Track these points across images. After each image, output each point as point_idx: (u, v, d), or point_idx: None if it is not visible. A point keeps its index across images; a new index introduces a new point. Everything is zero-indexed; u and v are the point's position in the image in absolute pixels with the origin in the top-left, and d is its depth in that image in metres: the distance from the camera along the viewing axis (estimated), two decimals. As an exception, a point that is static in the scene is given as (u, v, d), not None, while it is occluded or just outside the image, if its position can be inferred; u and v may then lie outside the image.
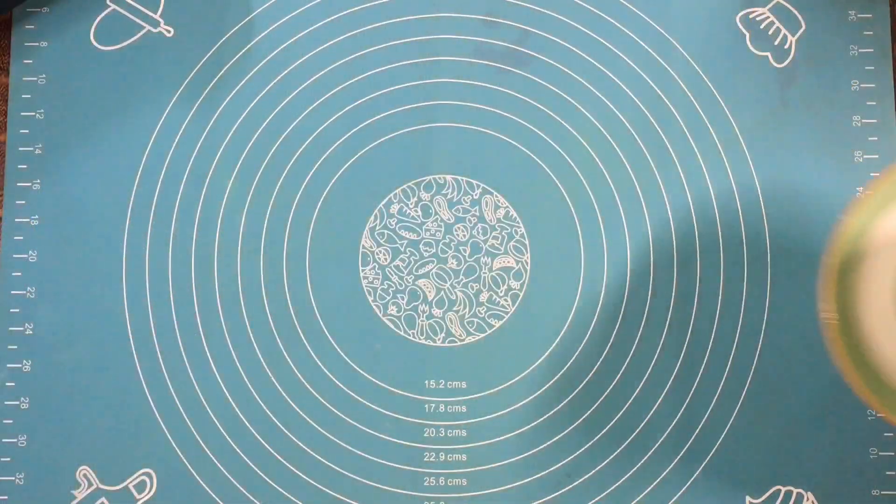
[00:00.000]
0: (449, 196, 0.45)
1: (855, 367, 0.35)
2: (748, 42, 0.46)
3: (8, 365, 0.43)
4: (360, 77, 0.45)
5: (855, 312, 0.35)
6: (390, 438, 0.43)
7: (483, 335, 0.44)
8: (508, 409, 0.43)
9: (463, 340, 0.44)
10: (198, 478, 0.43)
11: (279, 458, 0.43)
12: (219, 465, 0.43)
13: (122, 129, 0.45)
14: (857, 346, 0.35)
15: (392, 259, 0.44)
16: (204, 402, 0.43)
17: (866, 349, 0.35)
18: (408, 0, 0.46)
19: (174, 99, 0.45)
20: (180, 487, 0.42)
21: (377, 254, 0.44)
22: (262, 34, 0.45)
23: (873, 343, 0.35)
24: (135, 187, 0.44)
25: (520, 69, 0.45)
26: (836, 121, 0.45)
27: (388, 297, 0.44)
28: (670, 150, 0.45)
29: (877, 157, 0.45)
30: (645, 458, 0.43)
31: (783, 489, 0.43)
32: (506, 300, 0.44)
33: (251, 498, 0.42)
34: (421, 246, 0.44)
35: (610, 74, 0.45)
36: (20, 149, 0.44)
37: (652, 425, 0.43)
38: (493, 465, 0.43)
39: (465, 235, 0.44)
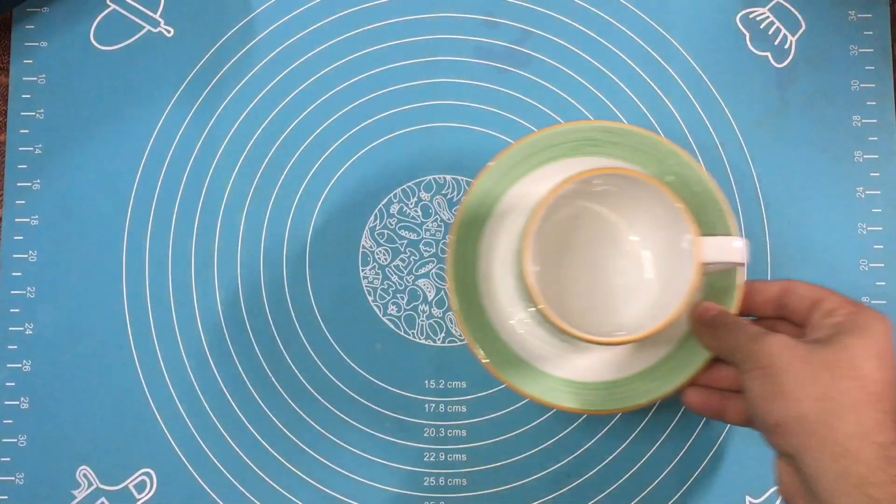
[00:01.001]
0: (449, 196, 0.45)
1: (464, 318, 0.39)
2: (748, 42, 0.46)
3: (8, 365, 0.43)
4: (360, 77, 0.45)
5: (473, 268, 0.39)
6: (390, 438, 0.43)
7: (483, 335, 0.44)
8: (508, 409, 0.43)
9: (463, 340, 0.44)
10: (198, 478, 0.43)
11: (279, 458, 0.43)
12: (219, 465, 0.43)
13: (122, 128, 0.45)
14: (470, 299, 0.39)
15: (392, 259, 0.44)
16: (204, 402, 0.43)
17: (478, 299, 0.39)
18: (408, 0, 0.46)
19: (174, 99, 0.45)
20: (180, 487, 0.42)
21: (377, 254, 0.44)
22: (262, 34, 0.45)
23: (485, 295, 0.39)
24: (135, 187, 0.44)
25: (520, 69, 0.45)
26: (836, 121, 0.45)
27: (388, 297, 0.44)
28: (670, 150, 0.45)
29: (877, 157, 0.45)
30: (645, 457, 0.43)
31: (783, 489, 0.43)
32: (506, 300, 0.44)
33: (251, 498, 0.42)
34: (421, 246, 0.44)
35: (610, 74, 0.45)
36: (20, 149, 0.44)
37: (652, 425, 0.43)
38: (492, 465, 0.43)
39: (465, 235, 0.44)
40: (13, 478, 0.42)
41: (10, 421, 0.43)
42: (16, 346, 0.43)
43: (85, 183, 0.44)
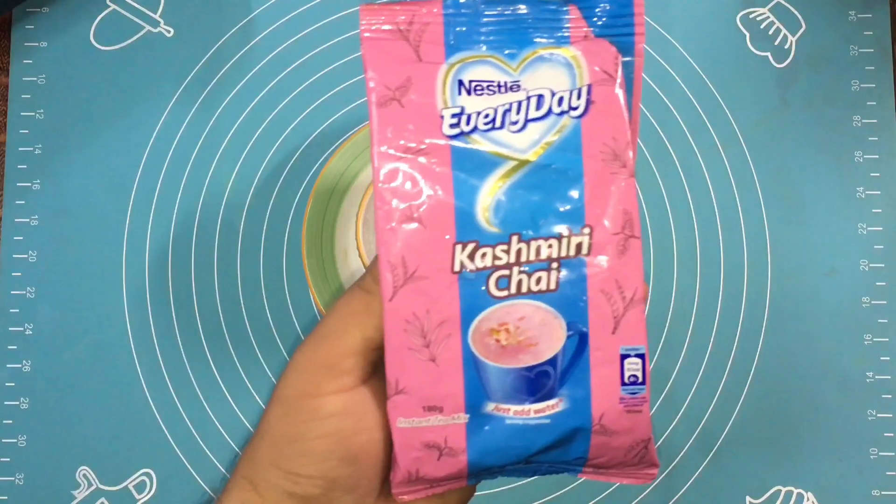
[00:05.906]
0: (449, 196, 0.45)
1: (314, 285, 0.41)
2: (748, 42, 0.46)
3: (8, 365, 0.43)
4: (359, 77, 0.45)
5: (331, 242, 0.42)
6: (390, 438, 0.43)
7: (483, 335, 0.44)
8: (508, 409, 0.43)
9: (463, 340, 0.44)
10: (198, 478, 0.43)
11: (279, 458, 0.43)
12: (219, 465, 0.43)
13: (122, 128, 0.45)
14: (324, 268, 0.42)
15: (392, 259, 0.44)
16: (204, 402, 0.43)
17: (335, 269, 0.42)
18: (407, 0, 0.46)
19: (174, 99, 0.45)
20: (180, 487, 0.42)
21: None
22: (262, 34, 0.45)
23: (342, 266, 0.43)
24: (135, 187, 0.44)
25: (520, 69, 0.45)
26: (836, 121, 0.45)
27: (388, 297, 0.44)
28: (670, 150, 0.45)
29: (877, 157, 0.45)
30: (645, 458, 0.43)
31: (783, 489, 0.43)
32: (506, 300, 0.44)
33: (251, 498, 0.42)
34: (421, 246, 0.44)
35: (610, 74, 0.45)
36: (20, 149, 0.44)
37: (652, 425, 0.43)
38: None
39: (465, 235, 0.44)
40: (13, 478, 0.42)
41: (10, 421, 0.43)
42: (15, 346, 0.43)
43: (85, 183, 0.44)
